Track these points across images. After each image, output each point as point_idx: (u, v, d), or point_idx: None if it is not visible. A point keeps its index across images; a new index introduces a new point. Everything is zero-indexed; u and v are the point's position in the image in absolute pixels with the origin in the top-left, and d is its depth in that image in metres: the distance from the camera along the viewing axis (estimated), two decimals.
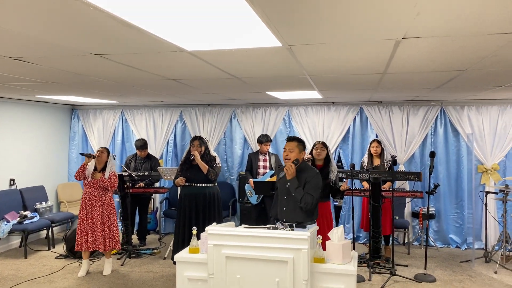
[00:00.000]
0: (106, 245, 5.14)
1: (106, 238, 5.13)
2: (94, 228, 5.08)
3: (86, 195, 5.11)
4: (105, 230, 5.14)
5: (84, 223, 5.07)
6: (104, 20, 2.04)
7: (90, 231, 5.06)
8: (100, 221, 5.10)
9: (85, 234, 5.06)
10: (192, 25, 2.16)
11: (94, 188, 5.11)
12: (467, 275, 5.22)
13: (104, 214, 5.14)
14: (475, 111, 6.42)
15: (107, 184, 5.10)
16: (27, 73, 3.75)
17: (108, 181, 5.10)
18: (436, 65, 3.34)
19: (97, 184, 5.10)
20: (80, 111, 7.93)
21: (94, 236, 5.08)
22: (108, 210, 5.18)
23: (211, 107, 7.38)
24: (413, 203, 6.63)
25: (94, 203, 5.09)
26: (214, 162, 4.92)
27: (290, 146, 3.68)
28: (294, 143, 3.69)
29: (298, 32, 2.33)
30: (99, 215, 5.09)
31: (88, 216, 5.06)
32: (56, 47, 2.69)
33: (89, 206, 5.08)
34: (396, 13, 1.98)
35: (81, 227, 5.07)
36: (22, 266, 5.62)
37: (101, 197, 5.13)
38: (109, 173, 5.14)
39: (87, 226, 5.06)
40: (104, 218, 5.14)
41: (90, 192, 5.11)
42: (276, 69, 3.54)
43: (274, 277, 2.76)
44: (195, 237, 3.17)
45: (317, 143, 4.95)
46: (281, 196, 3.73)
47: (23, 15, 1.99)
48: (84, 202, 5.10)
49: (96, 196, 5.10)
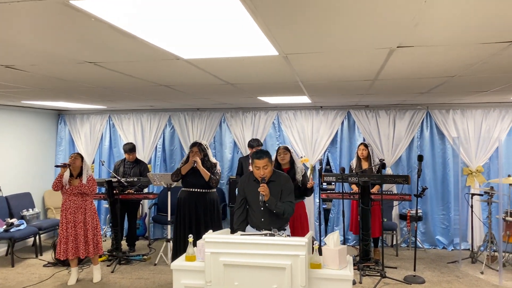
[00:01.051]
0: (90, 251, 5.05)
1: (89, 244, 5.04)
2: (77, 235, 4.98)
3: (66, 203, 5.00)
4: (89, 236, 5.04)
5: (65, 231, 4.96)
6: (103, 30, 2.04)
7: (73, 238, 4.96)
8: (83, 227, 5.01)
9: (66, 243, 4.95)
10: (191, 34, 2.17)
11: (74, 195, 5.00)
12: (454, 276, 5.33)
13: (87, 220, 5.04)
14: (460, 114, 6.56)
15: (86, 189, 4.99)
16: (17, 80, 3.70)
17: (87, 185, 5.00)
18: (426, 72, 3.42)
19: (76, 191, 4.98)
20: (66, 116, 7.83)
21: (76, 243, 4.99)
22: (90, 216, 5.08)
23: (200, 111, 7.38)
24: (400, 205, 6.73)
25: (75, 210, 4.99)
26: (214, 169, 4.90)
27: (263, 163, 3.56)
28: (266, 159, 3.57)
29: (296, 42, 2.36)
30: (81, 222, 5.00)
31: (70, 224, 4.96)
32: (51, 56, 2.66)
33: (70, 214, 4.97)
34: (394, 24, 2.02)
35: (61, 235, 4.97)
36: (9, 274, 5.52)
37: (82, 203, 5.03)
38: (87, 177, 5.04)
39: (68, 234, 4.96)
40: (87, 224, 5.04)
41: (70, 200, 5.00)
42: (270, 76, 3.57)
43: (272, 283, 2.78)
44: (191, 244, 3.17)
45: (279, 148, 4.98)
46: (257, 207, 3.64)
47: (21, 25, 1.97)
48: (64, 211, 4.99)
49: (76, 203, 5.00)
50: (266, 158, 3.58)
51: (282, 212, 3.56)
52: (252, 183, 3.71)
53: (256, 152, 3.66)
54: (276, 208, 3.54)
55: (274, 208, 3.54)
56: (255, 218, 3.67)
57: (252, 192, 3.68)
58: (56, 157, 7.84)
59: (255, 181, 3.71)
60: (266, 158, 3.58)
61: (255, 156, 3.62)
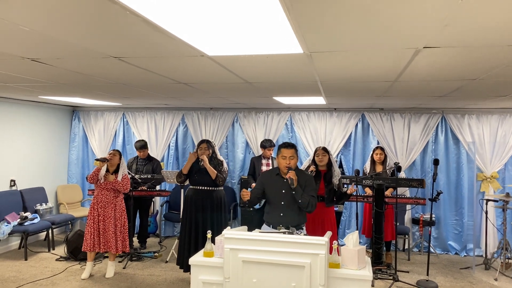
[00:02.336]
0: (118, 247, 5.13)
1: (117, 240, 5.14)
2: (106, 230, 5.08)
3: (98, 197, 5.11)
4: (117, 232, 5.14)
5: (95, 224, 5.06)
6: (136, 24, 2.06)
7: (102, 232, 5.06)
8: (112, 223, 5.10)
9: (94, 236, 5.06)
10: (220, 30, 2.18)
11: (107, 190, 5.11)
12: (468, 282, 5.28)
13: (116, 216, 5.15)
14: (475, 119, 6.52)
15: (119, 186, 5.11)
16: (40, 74, 3.74)
17: (121, 183, 5.12)
18: (448, 74, 3.40)
19: (110, 186, 5.11)
20: (81, 113, 7.90)
21: (105, 237, 5.08)
22: (119, 212, 5.19)
23: (213, 110, 7.40)
24: (413, 210, 6.70)
25: (106, 205, 5.10)
26: (221, 167, 4.89)
27: (290, 153, 3.65)
28: (293, 150, 3.67)
29: (323, 39, 2.36)
30: (111, 217, 5.10)
31: (100, 218, 5.07)
32: (77, 49, 2.69)
33: (101, 208, 5.08)
34: (423, 23, 2.01)
35: (90, 228, 5.06)
36: (23, 268, 5.57)
37: (113, 199, 5.14)
38: (122, 175, 5.15)
39: (98, 228, 5.06)
40: (116, 220, 5.15)
41: (102, 194, 5.11)
42: (290, 75, 3.58)
43: (290, 281, 2.78)
44: (209, 240, 3.18)
45: (318, 148, 4.99)
46: (276, 202, 3.68)
47: (53, 17, 1.99)
48: (95, 204, 5.10)
49: (108, 198, 5.11)
50: (293, 149, 3.67)
51: (306, 204, 3.57)
52: (274, 177, 3.76)
53: (284, 142, 3.75)
54: (301, 198, 3.57)
55: (300, 198, 3.56)
56: (273, 214, 3.68)
57: (274, 185, 3.72)
58: (70, 153, 7.90)
59: (277, 175, 3.75)
60: (293, 149, 3.67)
61: (283, 145, 3.70)
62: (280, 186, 3.68)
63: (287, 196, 3.63)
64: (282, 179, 3.70)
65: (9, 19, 2.01)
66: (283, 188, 3.65)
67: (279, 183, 3.69)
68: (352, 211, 6.92)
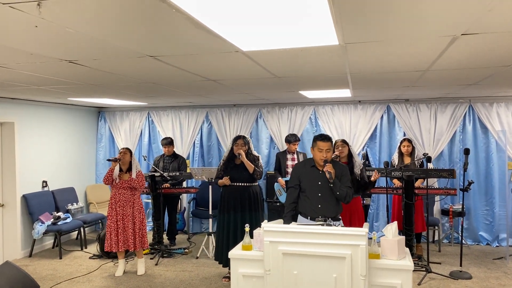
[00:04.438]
0: (137, 244, 5.21)
1: (136, 238, 5.21)
2: (125, 228, 5.15)
3: (116, 197, 5.18)
4: (136, 230, 5.21)
5: (114, 224, 5.13)
6: (178, 22, 2.09)
7: (121, 231, 5.13)
8: (131, 221, 5.18)
9: (116, 235, 5.13)
10: (257, 25, 2.19)
11: (123, 189, 5.18)
12: (502, 272, 5.21)
13: (134, 214, 5.22)
14: (504, 107, 6.40)
15: (136, 183, 5.18)
16: (73, 76, 3.82)
17: (137, 180, 5.19)
18: (482, 61, 3.35)
19: (126, 185, 5.18)
20: (106, 113, 8.03)
21: (125, 236, 5.16)
22: (138, 210, 5.26)
23: (237, 107, 7.44)
24: (442, 201, 6.62)
25: (124, 203, 5.17)
26: (258, 162, 4.93)
27: (327, 146, 3.67)
28: (329, 143, 3.70)
29: (359, 30, 2.35)
30: (130, 215, 5.17)
31: (119, 217, 5.14)
32: (115, 49, 2.74)
33: (119, 207, 5.15)
34: (466, 9, 1.99)
35: (110, 228, 5.14)
36: (58, 266, 5.71)
37: (130, 197, 5.21)
38: (136, 172, 5.22)
39: (117, 227, 5.13)
40: (135, 218, 5.22)
41: (119, 193, 5.17)
42: (320, 68, 3.57)
43: (331, 273, 2.79)
44: (247, 234, 3.21)
45: (337, 141, 4.97)
46: (313, 194, 3.70)
47: (99, 17, 2.02)
48: (113, 204, 5.17)
49: (126, 196, 5.18)
50: (329, 142, 3.69)
51: (344, 195, 3.61)
52: (309, 169, 3.78)
53: (320, 135, 3.77)
54: (339, 190, 3.60)
55: (338, 190, 3.59)
56: (310, 205, 3.69)
57: (309, 177, 3.75)
58: (97, 154, 8.05)
59: (313, 167, 3.77)
60: (329, 142, 3.69)
61: (320, 138, 3.71)
62: (316, 177, 3.71)
63: (324, 187, 3.65)
64: (318, 171, 3.73)
65: (59, 22, 2.06)
66: (320, 180, 3.68)
67: (315, 174, 3.72)
68: (380, 203, 6.88)
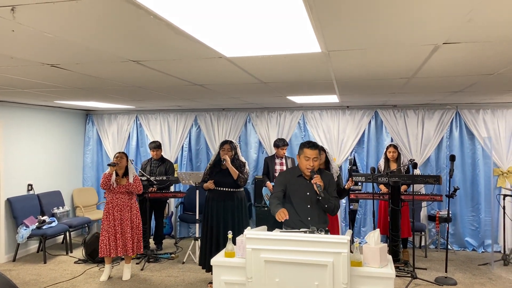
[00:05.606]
0: (134, 249, 5.19)
1: (134, 242, 5.19)
2: (123, 233, 5.13)
3: (114, 201, 5.14)
4: (133, 234, 5.20)
5: (112, 229, 5.09)
6: (158, 28, 2.07)
7: (120, 236, 5.10)
8: (129, 225, 5.16)
9: (114, 240, 5.09)
10: (240, 31, 2.18)
11: (121, 193, 5.16)
12: (487, 278, 5.24)
13: (132, 218, 5.21)
14: (490, 114, 6.46)
15: (133, 188, 5.17)
16: (57, 79, 3.78)
17: (134, 185, 5.18)
18: (465, 69, 3.38)
19: (124, 190, 5.15)
20: (94, 116, 7.97)
21: (124, 241, 5.13)
22: (135, 214, 5.26)
23: (226, 111, 7.42)
24: (429, 206, 6.65)
25: (122, 208, 5.15)
26: (243, 168, 4.90)
27: (314, 154, 3.38)
28: (317, 151, 3.41)
29: (341, 38, 2.36)
30: (128, 220, 5.16)
31: (117, 222, 5.10)
32: (97, 54, 2.72)
33: (117, 211, 5.12)
34: (445, 19, 2.00)
35: (108, 233, 5.09)
36: (42, 271, 5.64)
37: (128, 201, 5.20)
38: (133, 177, 5.20)
39: (115, 232, 5.10)
40: (133, 223, 5.21)
41: (117, 198, 5.14)
42: (306, 74, 3.58)
43: (313, 280, 2.78)
44: (230, 241, 3.19)
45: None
46: (302, 206, 3.45)
47: (77, 22, 2.01)
48: (111, 209, 5.12)
49: (123, 201, 5.16)
50: (317, 150, 3.41)
51: (332, 208, 3.42)
52: (296, 179, 3.50)
53: (308, 142, 3.48)
54: (328, 203, 3.39)
55: (327, 203, 3.38)
56: (299, 218, 3.43)
57: (297, 188, 3.49)
58: (84, 157, 7.98)
59: (299, 176, 3.50)
60: (317, 150, 3.40)
61: (307, 145, 3.41)
62: (304, 188, 3.46)
63: (313, 198, 3.43)
64: (306, 181, 3.48)
65: (35, 27, 2.04)
66: (308, 190, 3.44)
67: (303, 185, 3.47)
68: (367, 209, 6.89)
